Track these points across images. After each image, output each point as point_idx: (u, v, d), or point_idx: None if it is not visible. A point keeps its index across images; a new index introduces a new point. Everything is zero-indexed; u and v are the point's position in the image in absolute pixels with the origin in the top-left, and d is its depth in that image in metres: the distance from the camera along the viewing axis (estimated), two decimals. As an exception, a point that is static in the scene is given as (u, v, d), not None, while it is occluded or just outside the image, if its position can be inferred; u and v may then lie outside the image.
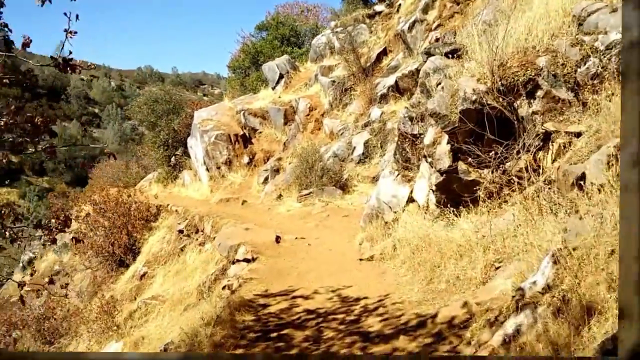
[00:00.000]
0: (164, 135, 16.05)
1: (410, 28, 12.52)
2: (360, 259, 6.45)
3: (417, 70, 11.80)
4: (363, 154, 11.29)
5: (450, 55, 6.45)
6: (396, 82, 12.03)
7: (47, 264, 16.95)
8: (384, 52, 14.15)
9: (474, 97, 5.34)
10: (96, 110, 72.79)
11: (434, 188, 6.07)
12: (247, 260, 6.67)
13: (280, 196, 11.87)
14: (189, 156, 16.12)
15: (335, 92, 14.14)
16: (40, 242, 18.40)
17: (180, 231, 11.03)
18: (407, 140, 6.75)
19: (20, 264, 18.10)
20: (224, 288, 5.92)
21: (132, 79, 79.52)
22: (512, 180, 5.20)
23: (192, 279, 8.78)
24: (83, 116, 69.68)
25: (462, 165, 5.77)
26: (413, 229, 6.18)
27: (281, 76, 16.47)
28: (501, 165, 5.48)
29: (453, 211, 5.74)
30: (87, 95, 74.88)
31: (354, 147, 11.53)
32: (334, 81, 14.36)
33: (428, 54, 7.13)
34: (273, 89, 16.43)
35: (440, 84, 6.07)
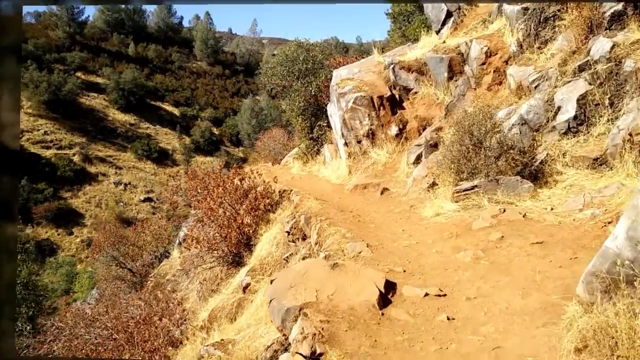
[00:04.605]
0: (301, 102, 13.19)
1: None
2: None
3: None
4: (575, 117, 6.56)
5: None
6: (644, -12, 6.84)
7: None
8: (614, -46, 8.72)
9: None
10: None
11: None
12: (302, 356, 3.18)
13: (433, 185, 7.93)
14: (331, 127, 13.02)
15: (528, 25, 9.22)
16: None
17: (288, 232, 8.05)
18: None
19: (177, 240, 17.79)
20: None
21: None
22: None
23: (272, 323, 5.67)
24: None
25: None
26: None
27: (449, 14, 11.94)
28: None
29: None
30: (278, 69, 78.98)
31: (559, 107, 6.83)
32: (526, 9, 9.43)
33: None
34: (437, 32, 12.05)
35: None
